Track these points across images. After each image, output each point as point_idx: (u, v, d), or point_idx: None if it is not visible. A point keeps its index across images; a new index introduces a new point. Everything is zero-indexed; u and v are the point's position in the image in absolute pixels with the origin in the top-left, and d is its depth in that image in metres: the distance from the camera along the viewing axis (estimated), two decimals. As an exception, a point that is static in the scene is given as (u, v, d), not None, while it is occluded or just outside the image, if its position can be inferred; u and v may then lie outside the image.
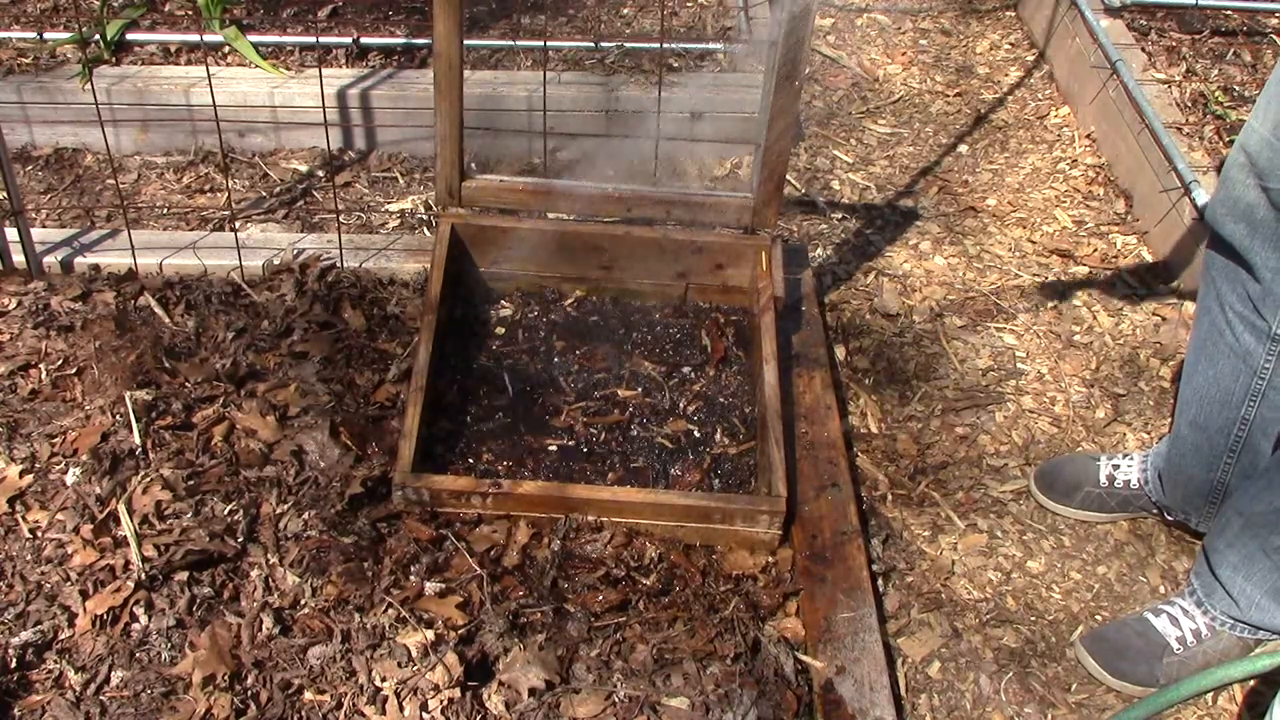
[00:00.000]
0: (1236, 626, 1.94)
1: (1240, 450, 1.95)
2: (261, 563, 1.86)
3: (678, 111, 2.95)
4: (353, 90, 2.92)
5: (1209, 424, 1.96)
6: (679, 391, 2.27)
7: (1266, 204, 1.70)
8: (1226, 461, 1.98)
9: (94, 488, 1.94)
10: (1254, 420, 1.91)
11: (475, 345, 2.32)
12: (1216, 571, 1.92)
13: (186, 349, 2.24)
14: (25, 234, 2.39)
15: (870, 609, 1.90)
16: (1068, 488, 2.20)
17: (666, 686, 1.74)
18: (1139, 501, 2.18)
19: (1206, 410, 1.95)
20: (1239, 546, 1.88)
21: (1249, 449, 1.95)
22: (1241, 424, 1.92)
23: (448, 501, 1.95)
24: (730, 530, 1.97)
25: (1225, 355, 1.88)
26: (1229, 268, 1.82)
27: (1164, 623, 1.97)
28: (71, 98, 2.87)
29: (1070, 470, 2.22)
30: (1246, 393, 1.88)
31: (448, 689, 1.67)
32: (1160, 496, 2.14)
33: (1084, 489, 2.19)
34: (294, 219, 2.78)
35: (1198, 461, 2.01)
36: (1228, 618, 1.94)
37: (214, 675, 1.69)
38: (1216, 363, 1.90)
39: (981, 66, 3.48)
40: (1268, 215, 1.70)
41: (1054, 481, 2.22)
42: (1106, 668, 1.95)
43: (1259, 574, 1.88)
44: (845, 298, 2.66)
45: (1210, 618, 1.95)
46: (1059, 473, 2.23)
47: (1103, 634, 1.99)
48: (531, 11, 3.30)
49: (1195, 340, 1.95)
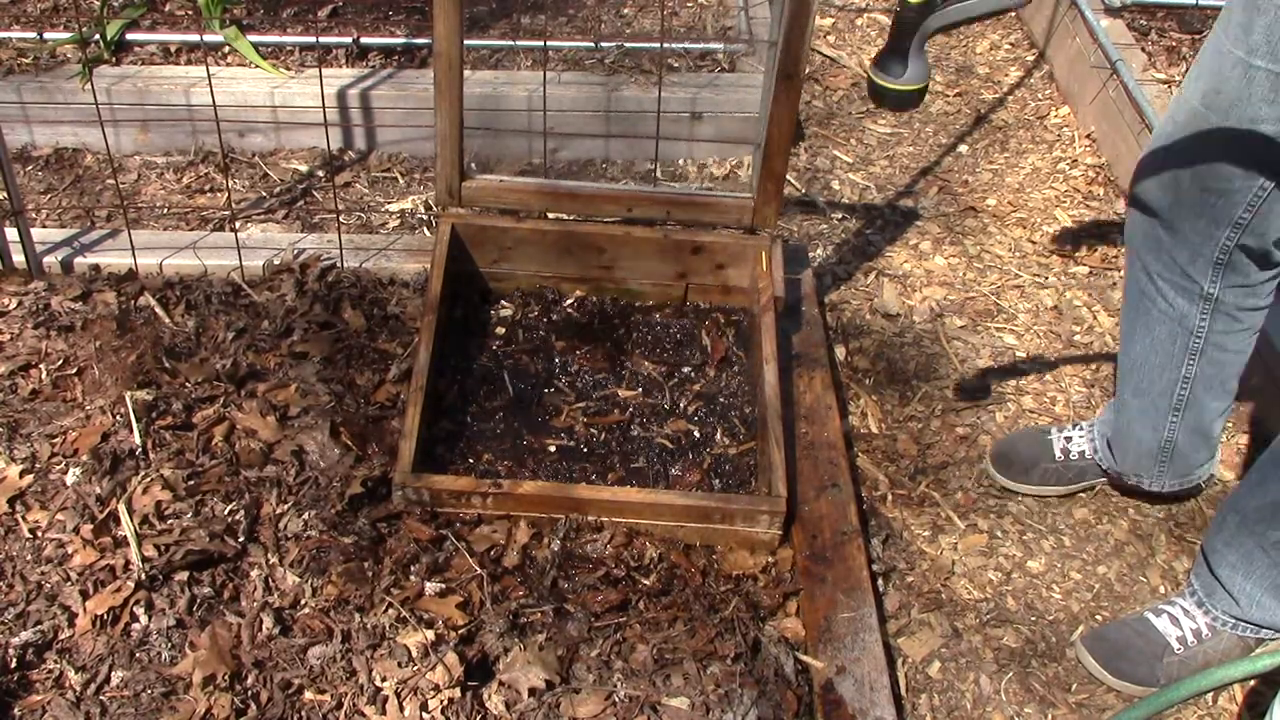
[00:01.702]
0: (1238, 626, 1.94)
1: (1184, 408, 2.01)
2: (261, 563, 1.86)
3: (678, 111, 2.95)
4: (353, 90, 2.92)
5: (1151, 388, 2.01)
6: (679, 391, 2.27)
7: (1191, 173, 1.75)
8: (1172, 420, 2.03)
9: (94, 488, 1.94)
10: (1195, 377, 1.97)
11: (475, 345, 2.32)
12: (1216, 571, 1.93)
13: (186, 349, 2.24)
14: (25, 234, 2.39)
15: (870, 609, 1.90)
16: (1026, 465, 2.23)
17: (666, 686, 1.74)
18: (1093, 471, 2.22)
19: (1149, 376, 2.01)
20: (1237, 545, 1.88)
21: (1193, 406, 2.00)
22: (1184, 383, 1.98)
23: (448, 501, 1.95)
24: (730, 530, 1.97)
25: (1160, 321, 1.94)
26: (1152, 238, 1.87)
27: (1164, 623, 1.97)
28: (71, 98, 2.87)
29: (1025, 448, 2.25)
30: (1186, 352, 1.94)
31: (448, 689, 1.67)
32: (1111, 463, 2.17)
33: (1041, 465, 2.22)
34: (294, 219, 2.78)
35: (1144, 425, 2.06)
36: (1229, 617, 1.94)
37: (214, 675, 1.69)
38: (1152, 329, 1.96)
39: (981, 66, 3.48)
40: (1192, 185, 1.76)
41: (1011, 460, 2.25)
42: (1107, 667, 1.95)
43: (1259, 571, 1.88)
44: (845, 298, 2.66)
45: (1211, 617, 1.95)
46: (1015, 451, 2.26)
47: (1103, 634, 1.99)
48: (531, 11, 3.30)
49: (1127, 311, 2.01)
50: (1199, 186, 1.75)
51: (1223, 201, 1.74)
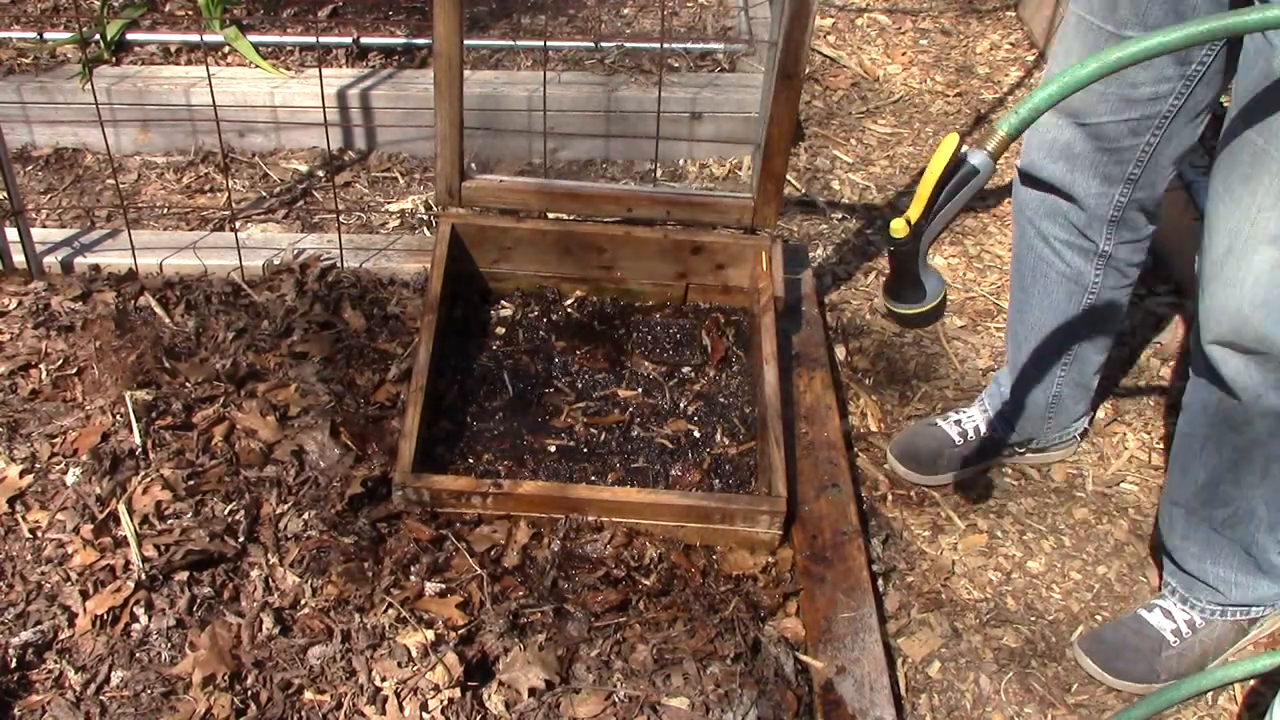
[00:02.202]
0: (1226, 611, 1.96)
1: (1071, 363, 2.15)
2: (261, 563, 1.86)
3: (678, 111, 2.95)
4: (353, 90, 2.92)
5: (1046, 349, 2.11)
6: (679, 391, 2.27)
7: (1084, 137, 1.85)
8: (1060, 376, 2.16)
9: (94, 488, 1.95)
10: (1084, 334, 2.10)
11: (475, 345, 2.32)
12: (1185, 566, 1.96)
13: (186, 349, 2.24)
14: (25, 234, 2.39)
15: (870, 609, 1.90)
16: (932, 457, 2.25)
17: (666, 686, 1.74)
18: (994, 446, 2.27)
19: (1046, 338, 2.10)
20: (1193, 535, 1.93)
21: (1079, 360, 2.15)
22: (1075, 339, 2.11)
23: (448, 501, 1.95)
24: (730, 530, 1.97)
25: (1057, 283, 2.05)
26: (1046, 204, 1.97)
27: (1158, 617, 1.98)
28: (71, 98, 2.87)
29: (925, 441, 2.27)
30: (1080, 309, 2.06)
31: (448, 689, 1.67)
32: (1007, 432, 2.24)
33: (945, 453, 2.25)
34: (294, 219, 2.78)
35: (1038, 386, 2.17)
36: (1213, 605, 1.96)
37: (214, 675, 1.69)
38: (1050, 293, 2.06)
39: (981, 66, 3.48)
40: (1085, 148, 1.86)
41: (917, 455, 2.27)
42: (1106, 668, 1.95)
43: (1223, 554, 1.91)
44: (845, 298, 2.66)
45: (1199, 610, 1.97)
46: (916, 446, 2.27)
47: (1099, 635, 1.99)
48: (531, 11, 3.30)
49: (1021, 280, 2.11)
50: (1090, 150, 1.86)
51: (1114, 161, 1.86)
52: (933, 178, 1.38)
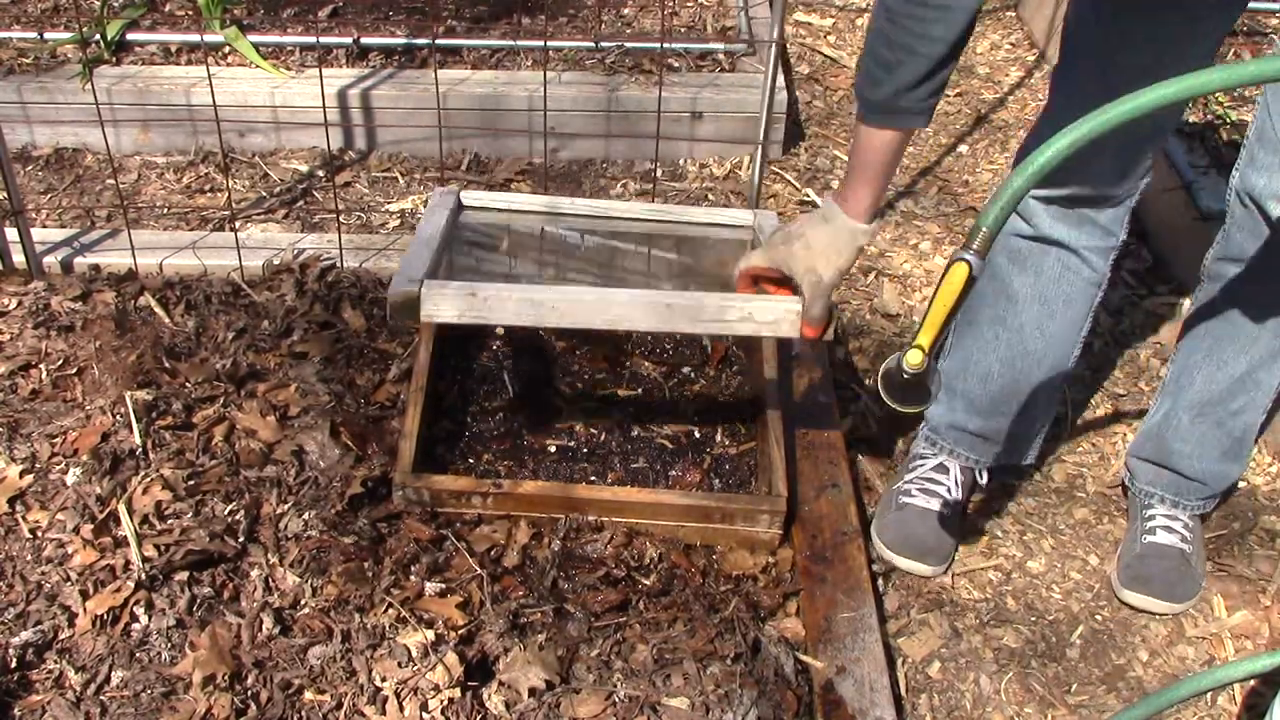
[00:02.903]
0: (1206, 504, 2.11)
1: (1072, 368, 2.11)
2: (261, 563, 1.86)
3: (678, 111, 2.95)
4: (353, 90, 2.93)
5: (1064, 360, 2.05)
6: (679, 391, 2.27)
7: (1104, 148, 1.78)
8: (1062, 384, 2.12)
9: (94, 488, 1.95)
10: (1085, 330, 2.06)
11: (475, 345, 2.32)
12: (1176, 467, 2.07)
13: (186, 349, 2.24)
14: (25, 234, 2.39)
15: (870, 609, 1.90)
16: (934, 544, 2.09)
17: (666, 686, 1.74)
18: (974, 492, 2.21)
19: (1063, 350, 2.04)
20: (1190, 435, 2.04)
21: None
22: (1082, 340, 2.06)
23: (448, 501, 1.95)
24: (730, 530, 1.97)
25: (1081, 288, 1.98)
26: (1070, 218, 1.90)
27: (1165, 536, 2.07)
28: (72, 98, 2.88)
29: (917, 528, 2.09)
30: (1090, 306, 2.01)
31: (448, 689, 1.67)
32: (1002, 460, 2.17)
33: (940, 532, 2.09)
34: (294, 219, 2.78)
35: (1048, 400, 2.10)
36: (1199, 500, 2.10)
37: (214, 675, 1.69)
38: (1074, 303, 1.99)
39: (981, 66, 3.48)
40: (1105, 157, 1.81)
41: (925, 548, 2.09)
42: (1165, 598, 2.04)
43: (1209, 447, 2.03)
44: (845, 298, 2.66)
45: (1189, 511, 2.09)
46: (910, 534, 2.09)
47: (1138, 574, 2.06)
48: (532, 11, 3.30)
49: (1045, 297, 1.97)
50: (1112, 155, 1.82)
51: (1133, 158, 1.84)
52: (944, 308, 1.34)
